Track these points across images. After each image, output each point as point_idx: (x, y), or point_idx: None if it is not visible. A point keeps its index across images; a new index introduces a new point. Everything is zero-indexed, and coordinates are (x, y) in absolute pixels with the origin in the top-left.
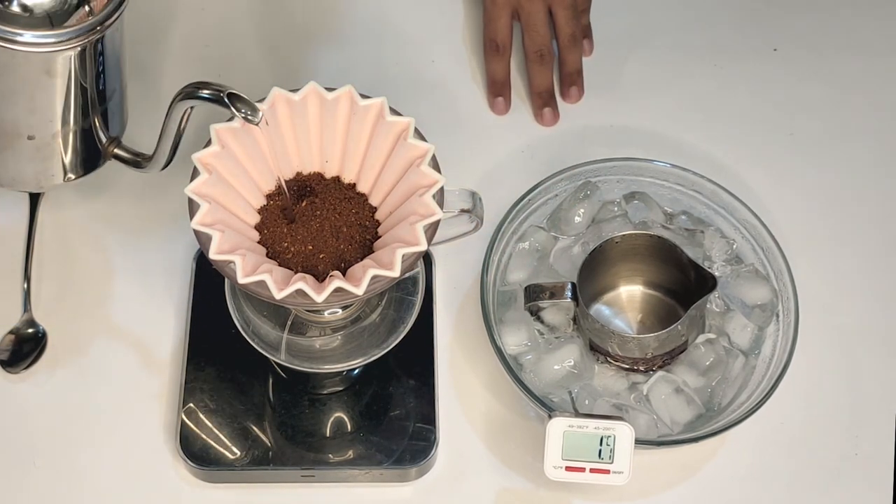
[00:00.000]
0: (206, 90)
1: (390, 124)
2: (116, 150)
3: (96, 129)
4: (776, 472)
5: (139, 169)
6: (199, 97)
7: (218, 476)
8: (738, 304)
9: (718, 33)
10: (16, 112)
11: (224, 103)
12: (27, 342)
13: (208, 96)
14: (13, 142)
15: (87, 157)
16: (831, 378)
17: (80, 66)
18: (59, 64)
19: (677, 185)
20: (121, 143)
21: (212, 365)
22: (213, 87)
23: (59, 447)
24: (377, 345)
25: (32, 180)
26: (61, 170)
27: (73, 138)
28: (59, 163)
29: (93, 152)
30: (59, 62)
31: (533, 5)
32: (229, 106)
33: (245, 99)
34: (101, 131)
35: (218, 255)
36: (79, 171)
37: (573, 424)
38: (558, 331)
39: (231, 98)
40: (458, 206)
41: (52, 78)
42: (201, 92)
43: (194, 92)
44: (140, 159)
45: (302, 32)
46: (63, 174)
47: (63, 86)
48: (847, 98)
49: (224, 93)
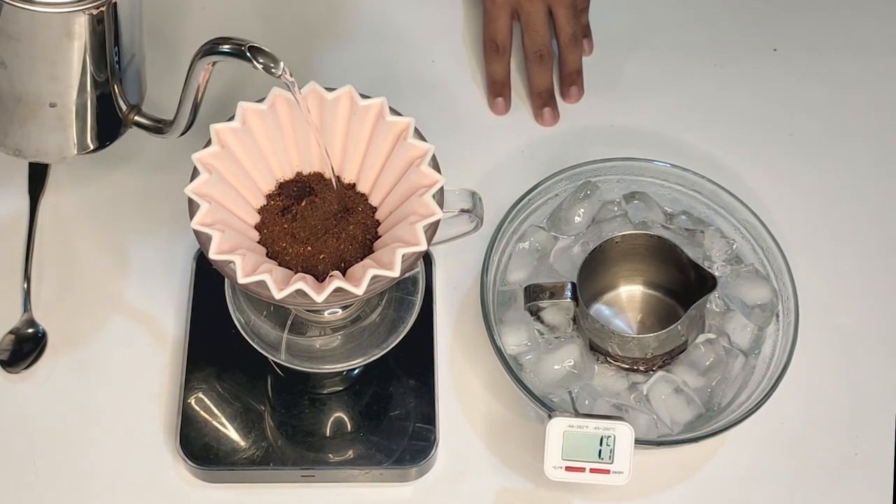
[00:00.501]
0: (226, 45)
1: (390, 124)
2: (137, 117)
3: (116, 96)
4: (776, 472)
5: (160, 135)
6: (220, 52)
7: (218, 476)
8: (738, 304)
9: (718, 33)
10: (38, 79)
11: (246, 57)
12: (27, 342)
13: (229, 50)
14: (36, 111)
15: (108, 125)
16: (831, 378)
17: (100, 27)
18: (80, 25)
19: (677, 185)
20: (141, 110)
21: (212, 365)
22: (233, 42)
23: (59, 447)
24: (377, 345)
25: (55, 150)
26: (83, 138)
27: (95, 105)
28: (81, 131)
29: (113, 120)
30: (79, 23)
31: (533, 5)
32: (251, 59)
33: (267, 52)
34: (120, 98)
35: (218, 255)
36: (100, 140)
37: (573, 424)
38: (558, 331)
39: (252, 51)
40: (458, 205)
41: (73, 40)
42: (222, 47)
43: (215, 48)
44: (161, 125)
45: (302, 33)
46: (85, 143)
47: (83, 49)
48: (847, 98)
49: (245, 46)
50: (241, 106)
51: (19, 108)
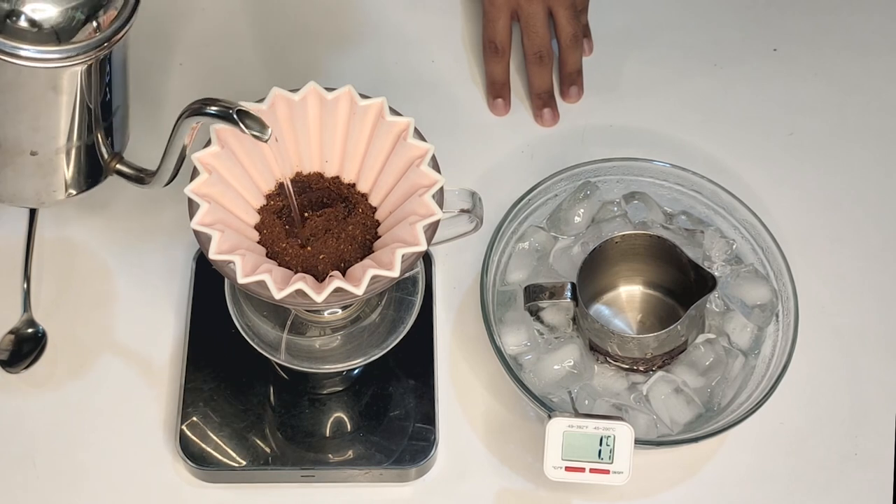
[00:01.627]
0: (213, 107)
1: (390, 124)
2: (118, 165)
3: (99, 145)
4: (776, 472)
5: (141, 185)
6: (206, 114)
7: (218, 476)
8: (737, 304)
9: (718, 33)
10: (19, 129)
11: (233, 120)
12: (27, 342)
13: (216, 113)
14: (15, 158)
15: (89, 173)
16: (831, 378)
17: (87, 82)
18: (66, 80)
19: (677, 185)
20: (123, 158)
21: (212, 365)
22: (221, 104)
23: (58, 447)
24: (377, 345)
25: (33, 196)
26: (62, 185)
27: (76, 154)
28: (60, 178)
29: (95, 168)
30: (65, 78)
31: (532, 6)
32: (238, 123)
33: (254, 116)
34: (103, 147)
35: (217, 255)
36: (80, 187)
37: (573, 424)
38: (558, 331)
39: (240, 115)
40: (457, 206)
41: (58, 94)
42: (209, 108)
43: (202, 108)
44: (143, 175)
45: (302, 33)
46: (64, 190)
47: (68, 102)
48: (847, 98)
49: (233, 110)
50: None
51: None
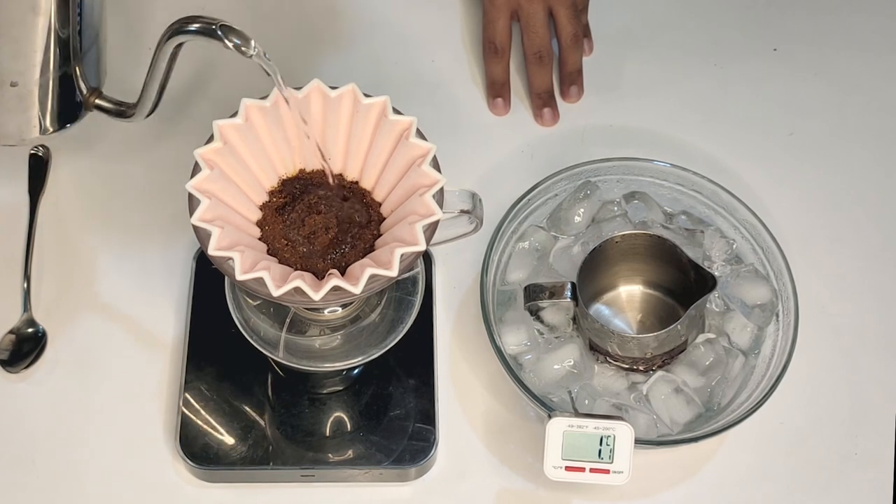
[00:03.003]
0: (195, 23)
1: (392, 123)
2: (98, 100)
3: (77, 78)
4: (776, 472)
5: (123, 118)
6: (189, 31)
7: (218, 475)
8: (737, 303)
9: (718, 33)
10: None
11: (217, 36)
12: (27, 342)
13: (199, 30)
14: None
15: (69, 107)
16: (831, 378)
17: (64, 5)
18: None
19: (677, 185)
20: (102, 93)
21: (211, 364)
22: (203, 20)
23: (58, 447)
24: (376, 344)
25: (15, 132)
26: (44, 119)
27: (56, 86)
28: (41, 113)
29: (74, 102)
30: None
31: (532, 6)
32: (222, 39)
33: (238, 31)
34: (81, 80)
35: (217, 252)
36: (60, 122)
37: (573, 424)
38: (558, 331)
39: (224, 30)
40: (458, 206)
41: (38, 16)
42: (191, 25)
43: (184, 27)
44: (123, 108)
45: (302, 33)
46: (45, 125)
47: (47, 26)
48: (847, 98)
49: (216, 25)
50: (244, 103)
51: None
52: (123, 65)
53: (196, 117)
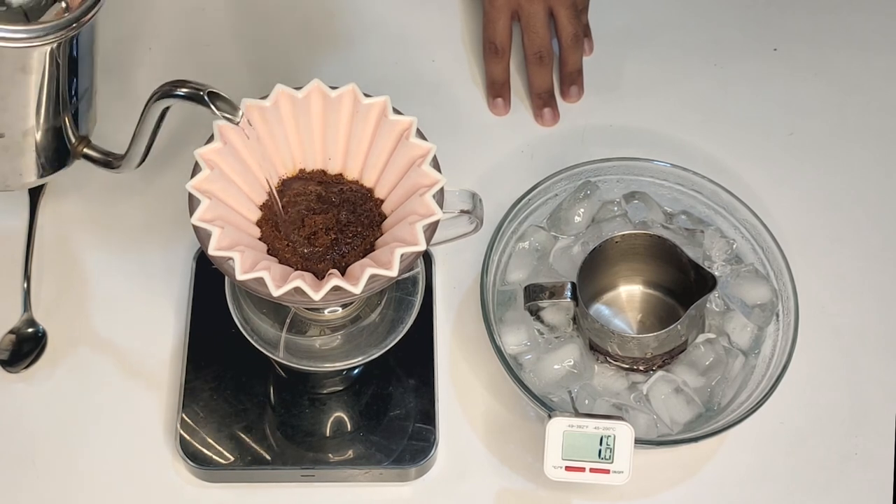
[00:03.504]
0: (183, 88)
1: (393, 123)
2: (86, 149)
3: (66, 128)
4: (776, 472)
5: (110, 169)
6: (176, 96)
7: (218, 476)
8: (737, 303)
9: (718, 33)
10: None
11: (204, 102)
12: (27, 342)
13: (186, 94)
14: None
15: (56, 157)
16: (831, 378)
17: (55, 62)
18: (35, 60)
19: (677, 185)
20: (90, 142)
21: (212, 364)
22: (191, 86)
23: (58, 447)
24: (376, 344)
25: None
26: (29, 168)
27: (44, 137)
28: (27, 161)
29: (62, 151)
30: (34, 58)
31: (533, 6)
32: (209, 105)
33: (225, 98)
34: (71, 130)
35: (217, 252)
36: (47, 171)
37: (573, 424)
38: (558, 331)
39: (211, 97)
40: (458, 206)
41: (27, 75)
42: (179, 90)
43: (172, 90)
44: (111, 159)
45: (302, 33)
46: (31, 173)
47: (37, 83)
48: (847, 98)
49: (204, 91)
50: (244, 102)
51: None
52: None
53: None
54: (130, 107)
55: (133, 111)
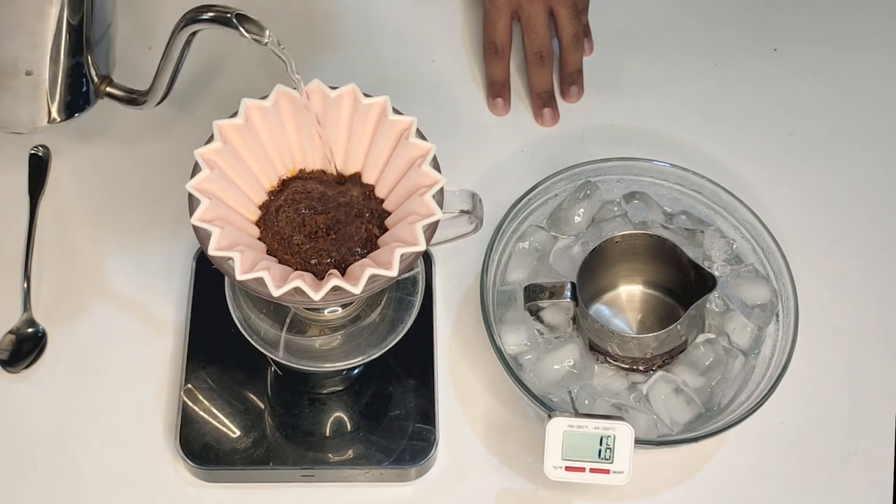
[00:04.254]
0: (210, 12)
1: (392, 123)
2: (109, 87)
3: (88, 66)
4: (776, 472)
5: (134, 105)
6: (204, 20)
7: (218, 475)
8: (737, 303)
9: (718, 33)
10: (16, 47)
11: (232, 24)
12: (27, 342)
13: (213, 17)
14: (11, 80)
15: (80, 95)
16: (831, 378)
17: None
18: None
19: (677, 185)
20: (112, 80)
21: (212, 364)
22: (218, 9)
23: (58, 447)
24: (376, 344)
25: (27, 120)
26: (56, 108)
27: (67, 74)
28: (53, 101)
29: (86, 90)
30: None
31: (533, 6)
32: (237, 27)
33: (253, 19)
34: (92, 68)
35: (217, 252)
36: (71, 110)
37: (573, 424)
38: (558, 331)
39: (239, 19)
40: (458, 206)
41: (51, 6)
42: (206, 14)
43: (198, 16)
44: (135, 95)
45: (302, 33)
46: (57, 113)
47: (62, 17)
48: (847, 98)
49: (232, 14)
50: (244, 103)
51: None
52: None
53: (198, 116)
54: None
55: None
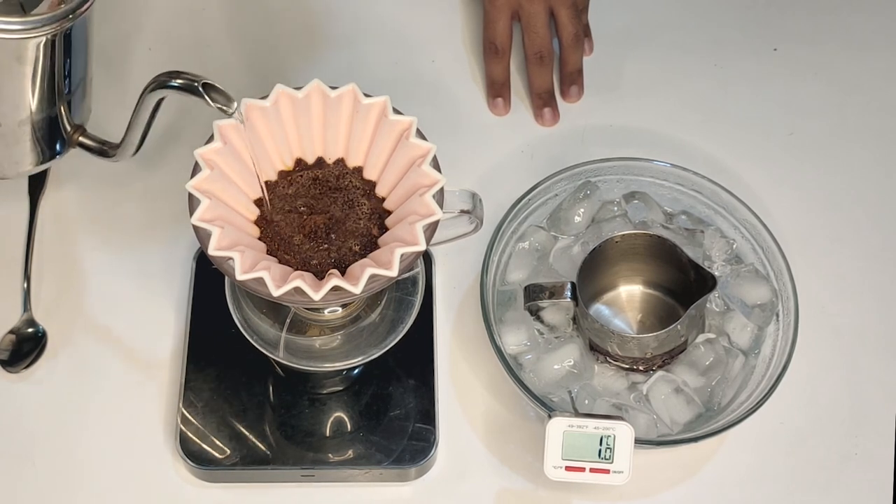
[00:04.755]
0: (178, 79)
1: (393, 123)
2: (81, 137)
3: (62, 117)
4: (776, 472)
5: (105, 157)
6: (171, 86)
7: (218, 476)
8: (737, 303)
9: (718, 32)
10: None
11: (198, 93)
12: (27, 342)
13: (181, 85)
14: None
15: (52, 145)
16: (831, 378)
17: (51, 53)
18: (30, 50)
19: (677, 185)
20: (86, 131)
21: (212, 364)
22: (186, 77)
23: (58, 447)
24: (376, 344)
25: None
26: (26, 157)
27: (40, 125)
28: (23, 150)
29: (58, 140)
30: (29, 49)
31: (534, 6)
32: (203, 96)
33: (220, 89)
34: (66, 119)
35: (217, 252)
36: (43, 159)
37: (573, 424)
38: (558, 331)
39: (206, 88)
40: (458, 206)
41: (23, 65)
42: (174, 81)
43: (167, 81)
44: (106, 147)
45: (302, 33)
46: (27, 161)
47: (32, 73)
48: (847, 98)
49: (199, 83)
50: (244, 102)
51: None
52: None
53: (197, 117)
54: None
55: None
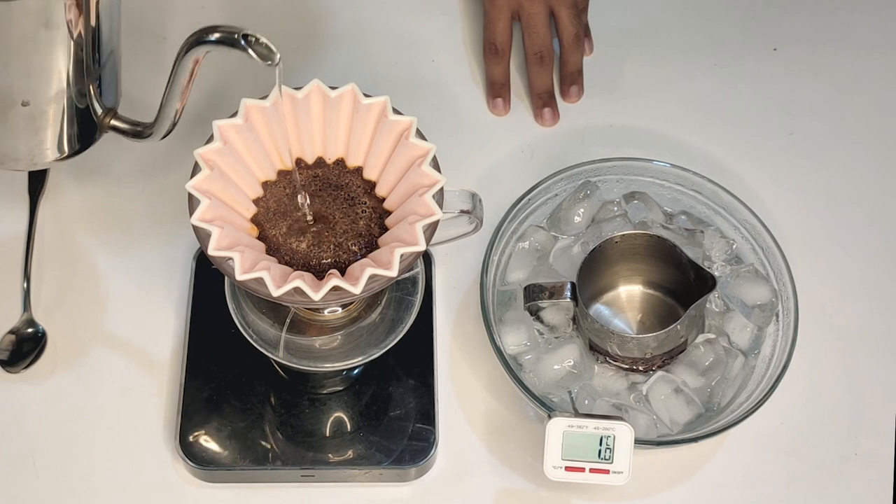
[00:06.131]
0: (216, 33)
1: (392, 123)
2: (113, 121)
3: (92, 98)
4: (776, 472)
5: (140, 139)
6: (210, 42)
7: (218, 476)
8: (737, 304)
9: (718, 32)
10: (10, 75)
11: (239, 45)
12: (27, 342)
13: (220, 39)
14: (6, 111)
15: (83, 130)
16: (831, 378)
17: (79, 18)
18: (58, 14)
19: (677, 185)
20: (117, 113)
21: (212, 365)
22: (225, 30)
23: (58, 447)
24: (376, 344)
25: (26, 155)
26: (56, 143)
27: (69, 106)
28: (54, 135)
29: (89, 124)
30: (58, 12)
31: (534, 6)
32: (245, 48)
33: (261, 40)
34: (96, 100)
35: (216, 252)
36: (74, 146)
37: (573, 424)
38: (558, 331)
39: (247, 39)
40: (457, 206)
41: (51, 31)
42: (212, 35)
43: (203, 37)
44: (140, 128)
45: (301, 33)
46: (59, 147)
47: (60, 42)
48: (847, 98)
49: (238, 34)
50: (244, 102)
51: None
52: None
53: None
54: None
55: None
